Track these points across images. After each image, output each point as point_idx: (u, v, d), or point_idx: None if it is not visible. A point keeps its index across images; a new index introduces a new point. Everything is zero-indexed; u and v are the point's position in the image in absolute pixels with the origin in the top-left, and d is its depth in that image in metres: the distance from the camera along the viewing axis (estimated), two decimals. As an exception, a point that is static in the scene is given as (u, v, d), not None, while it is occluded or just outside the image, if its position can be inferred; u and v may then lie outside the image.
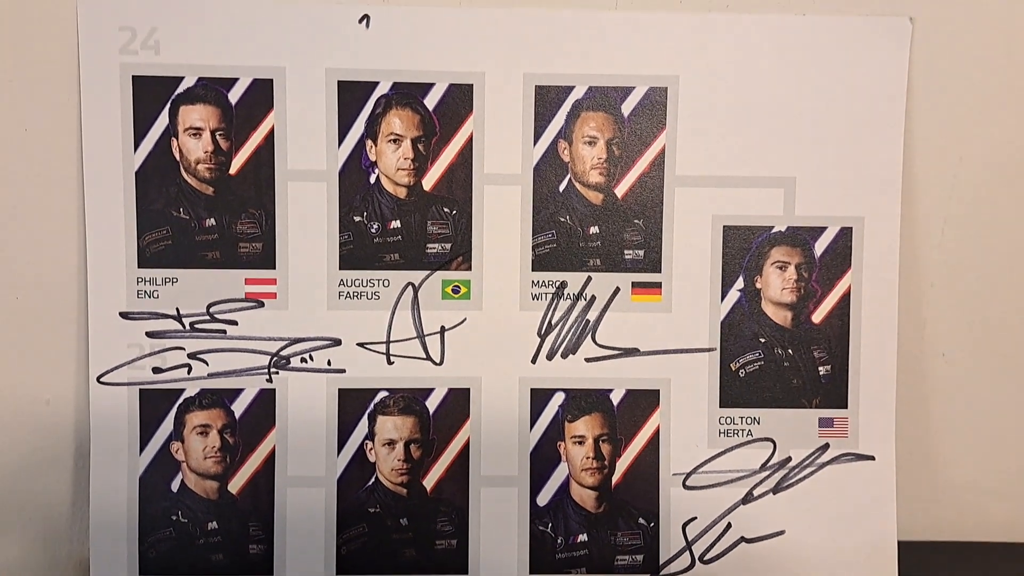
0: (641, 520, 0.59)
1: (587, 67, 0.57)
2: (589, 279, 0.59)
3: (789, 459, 0.60)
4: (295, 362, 0.58)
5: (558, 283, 0.58)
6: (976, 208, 0.62)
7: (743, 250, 0.59)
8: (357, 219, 0.58)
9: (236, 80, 0.57)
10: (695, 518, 0.59)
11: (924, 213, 0.61)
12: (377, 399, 0.58)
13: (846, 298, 0.59)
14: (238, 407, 0.58)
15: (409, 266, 0.58)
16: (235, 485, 0.58)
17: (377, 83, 0.57)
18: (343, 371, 0.58)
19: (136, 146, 0.57)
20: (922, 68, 0.60)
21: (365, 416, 0.58)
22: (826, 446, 0.60)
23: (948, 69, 0.60)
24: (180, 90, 0.57)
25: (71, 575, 0.61)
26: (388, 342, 0.58)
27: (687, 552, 0.59)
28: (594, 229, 0.58)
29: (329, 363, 0.58)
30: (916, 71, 0.59)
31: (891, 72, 0.58)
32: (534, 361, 0.59)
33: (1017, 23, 0.60)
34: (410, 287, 0.58)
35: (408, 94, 0.57)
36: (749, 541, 0.59)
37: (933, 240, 0.62)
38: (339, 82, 0.57)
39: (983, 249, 0.62)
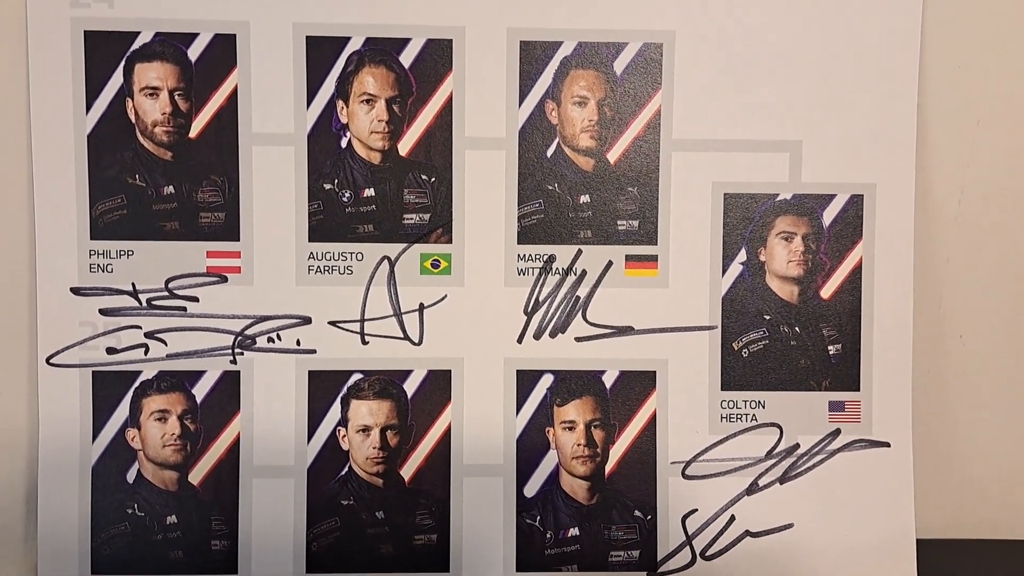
0: (637, 512, 0.56)
1: (576, 21, 0.54)
2: (579, 252, 0.55)
3: (797, 446, 0.56)
4: (261, 342, 0.55)
5: (546, 257, 0.55)
6: (995, 177, 0.59)
7: (746, 220, 0.56)
8: (327, 187, 0.54)
9: (196, 36, 0.54)
10: (695, 510, 0.56)
11: (939, 182, 0.58)
12: (350, 382, 0.55)
13: (857, 271, 0.56)
14: (199, 391, 0.55)
15: (384, 238, 0.55)
16: (196, 476, 0.55)
17: (349, 38, 0.54)
18: (313, 352, 0.55)
19: (88, 107, 0.54)
20: (936, 24, 0.56)
21: (337, 400, 0.55)
22: (837, 432, 0.56)
23: (964, 24, 0.57)
24: (136, 46, 0.53)
25: (20, 575, 0.56)
26: (362, 320, 0.55)
27: (687, 547, 0.56)
28: (584, 198, 0.55)
29: (298, 343, 0.55)
30: (930, 27, 0.56)
31: (903, 27, 0.55)
32: (520, 341, 0.55)
33: (1039, -25, 0.57)
34: (386, 261, 0.55)
35: (382, 50, 0.54)
36: (754, 535, 0.56)
37: (949, 212, 0.58)
38: (307, 37, 0.54)
39: (1003, 223, 0.59)
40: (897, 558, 0.56)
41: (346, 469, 0.55)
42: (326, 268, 0.54)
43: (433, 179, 0.55)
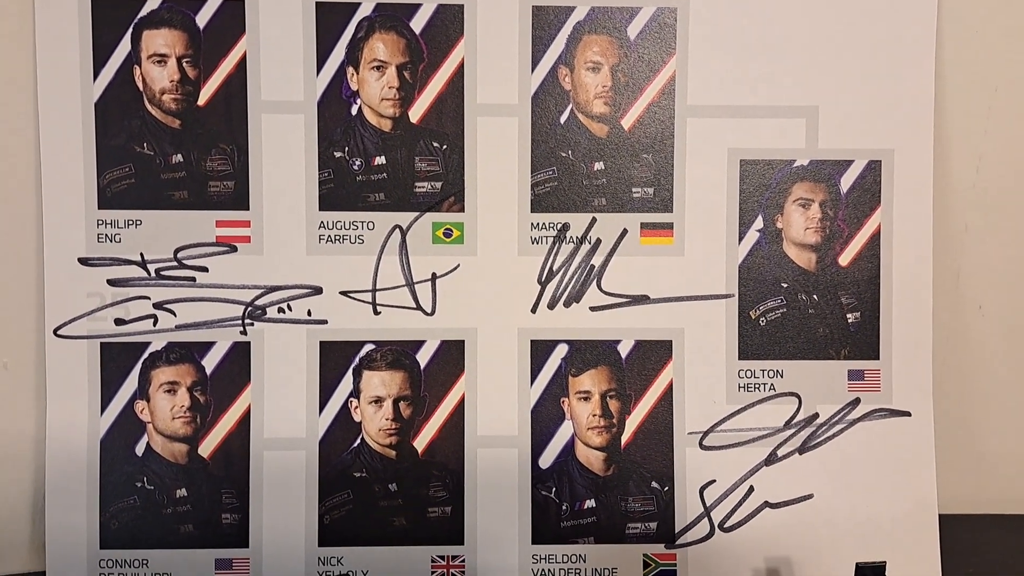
0: (654, 484, 0.55)
1: (589, -15, 0.54)
2: (594, 220, 0.54)
3: (816, 415, 0.55)
4: (272, 312, 0.54)
5: (560, 225, 0.54)
6: (1014, 144, 0.58)
7: (762, 187, 0.55)
8: (338, 155, 0.54)
9: (205, 2, 0.53)
10: (713, 481, 0.55)
11: (957, 149, 0.57)
12: (363, 353, 0.54)
13: (875, 238, 0.55)
14: (209, 362, 0.54)
15: (396, 207, 0.54)
16: (206, 448, 0.54)
17: (359, 4, 0.53)
18: (325, 322, 0.54)
19: (95, 75, 0.53)
20: (954, -13, 0.56)
21: (349, 371, 0.54)
22: (857, 401, 0.55)
23: (982, -12, 0.56)
24: (143, 13, 0.53)
25: (30, 553, 0.56)
26: (374, 290, 0.54)
27: (705, 519, 0.55)
28: (599, 165, 0.54)
29: (309, 313, 0.54)
30: (947, -9, 0.56)
31: (921, -10, 0.55)
32: (534, 311, 0.55)
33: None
34: (397, 230, 0.54)
35: (393, 16, 0.53)
36: (773, 506, 0.55)
37: (967, 179, 0.58)
38: (317, 3, 0.53)
39: (1021, 190, 0.58)
40: (919, 528, 0.55)
41: (358, 441, 0.54)
42: (337, 237, 0.54)
43: (445, 147, 0.54)
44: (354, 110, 0.53)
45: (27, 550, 0.56)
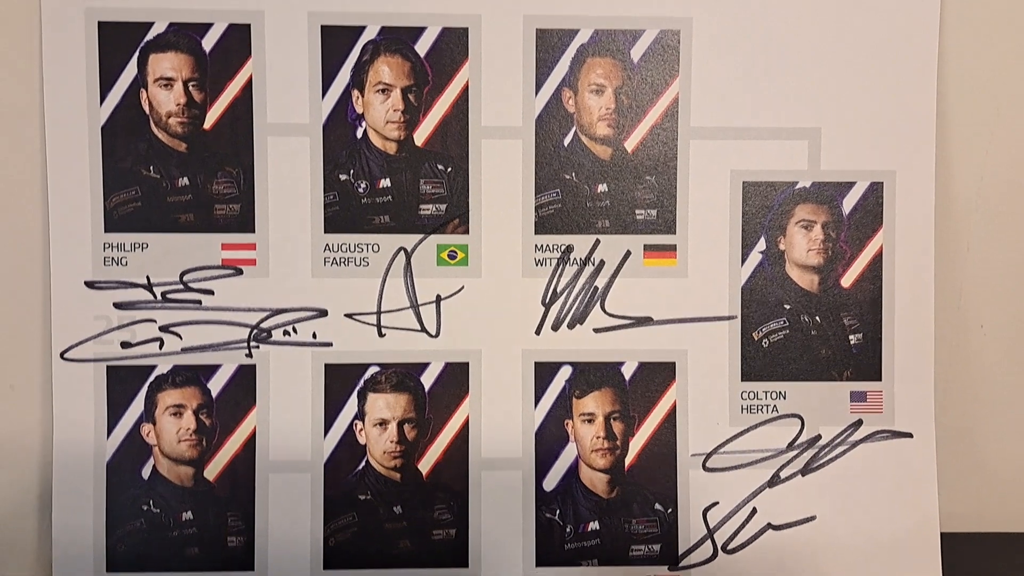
0: (658, 506, 0.55)
1: (593, 8, 0.54)
2: (597, 242, 0.55)
3: (819, 437, 0.55)
4: (277, 335, 0.54)
5: (563, 247, 0.54)
6: (1015, 165, 0.58)
7: (765, 208, 0.55)
8: (343, 177, 0.54)
9: (211, 25, 0.53)
10: (717, 503, 0.55)
11: (959, 170, 0.58)
12: (367, 375, 0.54)
13: (878, 260, 0.55)
14: (215, 385, 0.54)
15: (401, 229, 0.54)
16: (212, 471, 0.54)
17: (364, 27, 0.53)
18: (330, 345, 0.54)
19: (102, 99, 0.53)
20: (955, 10, 0.56)
21: (354, 394, 0.54)
22: (859, 422, 0.55)
23: (983, 11, 0.57)
24: (150, 37, 0.53)
25: (35, 573, 0.56)
26: (379, 313, 0.54)
27: (709, 540, 0.55)
28: (602, 187, 0.54)
29: (314, 336, 0.54)
30: (949, 14, 0.56)
31: (923, 13, 0.55)
32: (538, 332, 0.55)
33: (1058, -40, 0.56)
34: (402, 252, 0.54)
35: (398, 39, 0.53)
36: (776, 528, 0.55)
37: (969, 200, 0.58)
38: (322, 27, 0.53)
39: (1023, 211, 0.58)
40: (921, 550, 0.55)
41: (363, 463, 0.54)
42: (342, 260, 0.54)
43: (449, 169, 0.54)
44: (359, 133, 0.54)
45: (33, 573, 0.56)
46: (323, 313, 0.54)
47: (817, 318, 0.55)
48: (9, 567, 0.56)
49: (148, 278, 0.53)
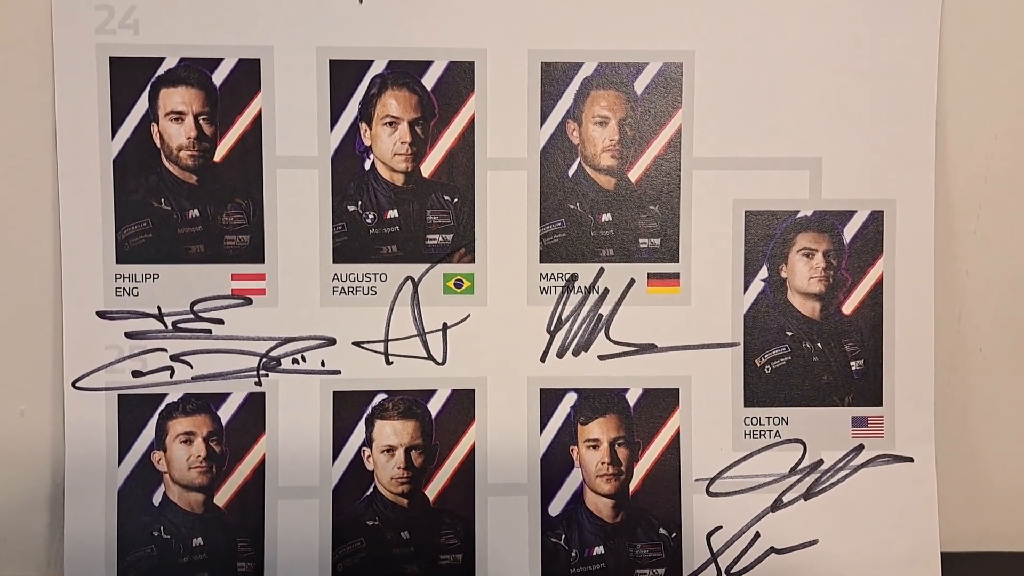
0: (662, 530, 0.55)
1: (597, 42, 0.55)
2: (601, 271, 0.55)
3: (821, 462, 0.56)
4: (286, 363, 0.55)
5: (568, 275, 0.55)
6: (1013, 191, 0.59)
7: (767, 237, 0.56)
8: (351, 208, 0.54)
9: (221, 60, 0.54)
10: (720, 527, 0.56)
11: (958, 196, 0.58)
12: (375, 402, 0.55)
13: (878, 287, 0.56)
14: (225, 413, 0.55)
15: (408, 259, 0.55)
16: (222, 498, 0.55)
17: (371, 62, 0.54)
18: (338, 372, 0.55)
19: (114, 132, 0.54)
20: (954, 40, 0.57)
21: (362, 421, 0.55)
22: (860, 447, 0.56)
23: (981, 40, 0.57)
24: (161, 72, 0.54)
25: (47, 598, 0.57)
26: (386, 341, 0.55)
27: (712, 564, 0.56)
28: (606, 216, 0.55)
29: (323, 364, 0.55)
30: (947, 44, 0.57)
31: (921, 44, 0.56)
32: (543, 359, 0.55)
33: (1054, -9, 0.57)
34: (409, 281, 0.55)
35: (405, 73, 0.54)
36: (779, 551, 0.56)
37: (968, 226, 0.59)
38: (331, 61, 0.54)
39: (1021, 236, 0.59)
40: (922, 571, 0.56)
41: (371, 489, 0.55)
42: (350, 289, 0.55)
43: (456, 200, 0.55)
44: (367, 165, 0.54)
45: (45, 597, 0.57)
46: (331, 341, 0.55)
47: (819, 344, 0.56)
48: (22, 593, 0.57)
49: (159, 308, 0.54)
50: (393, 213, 0.55)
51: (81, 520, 0.54)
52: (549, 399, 0.55)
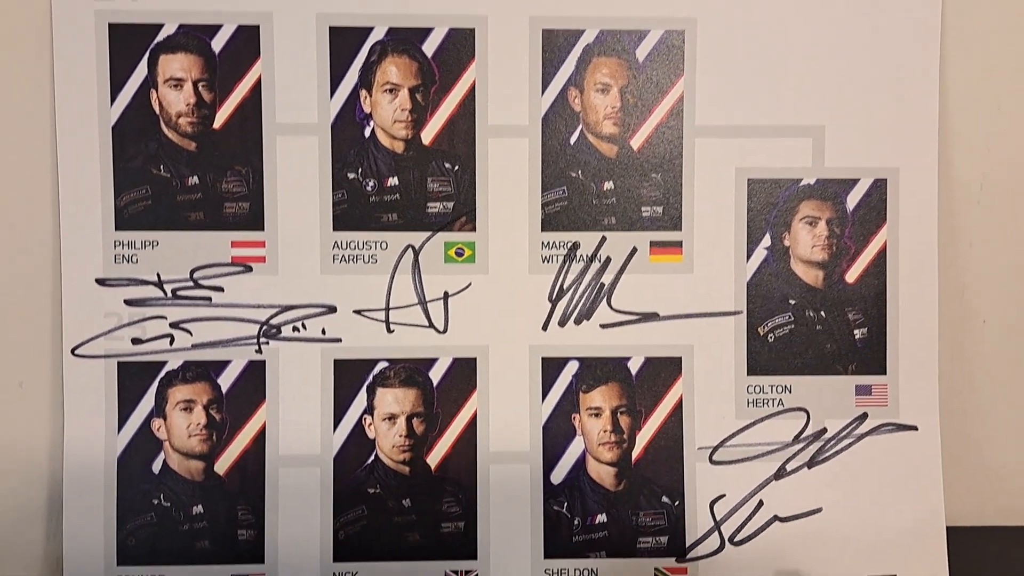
0: (665, 498, 0.55)
1: (598, 9, 0.54)
2: (603, 239, 0.55)
3: (824, 430, 0.56)
4: (286, 331, 0.54)
5: (570, 244, 0.55)
6: (1017, 162, 0.58)
7: (769, 205, 0.55)
8: (351, 176, 0.54)
9: (220, 27, 0.54)
10: (723, 495, 0.55)
11: (961, 167, 0.58)
12: (376, 370, 0.55)
13: (882, 255, 0.56)
14: (225, 380, 0.54)
15: (408, 227, 0.55)
16: (222, 465, 0.54)
17: (371, 28, 0.54)
18: (339, 340, 0.54)
19: (113, 99, 0.54)
20: (957, 8, 0.56)
21: (363, 389, 0.55)
22: (864, 416, 0.56)
23: (985, 9, 0.57)
24: (160, 38, 0.53)
25: (46, 570, 0.56)
26: (387, 309, 0.55)
27: (715, 532, 0.55)
28: (608, 184, 0.55)
29: (323, 332, 0.54)
30: (951, 12, 0.56)
31: (925, 12, 0.55)
32: (545, 328, 0.55)
33: (1058, -42, 0.57)
34: (410, 249, 0.54)
35: (405, 40, 0.54)
36: (783, 520, 0.55)
37: (971, 196, 0.58)
38: (331, 28, 0.54)
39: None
40: (927, 541, 0.55)
41: (372, 457, 0.55)
42: (351, 257, 0.54)
43: (456, 167, 0.54)
44: (367, 132, 0.54)
45: (44, 567, 0.56)
46: (332, 309, 0.54)
47: (822, 313, 0.56)
48: (20, 561, 0.56)
49: (158, 275, 0.54)
50: (393, 181, 0.54)
51: (80, 489, 0.54)
52: (551, 368, 0.55)
